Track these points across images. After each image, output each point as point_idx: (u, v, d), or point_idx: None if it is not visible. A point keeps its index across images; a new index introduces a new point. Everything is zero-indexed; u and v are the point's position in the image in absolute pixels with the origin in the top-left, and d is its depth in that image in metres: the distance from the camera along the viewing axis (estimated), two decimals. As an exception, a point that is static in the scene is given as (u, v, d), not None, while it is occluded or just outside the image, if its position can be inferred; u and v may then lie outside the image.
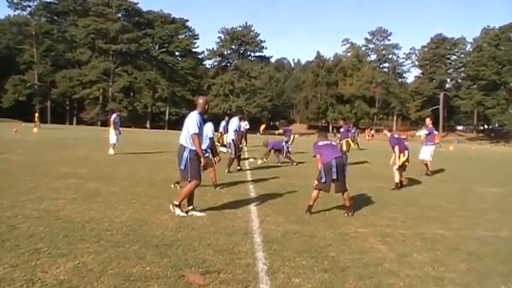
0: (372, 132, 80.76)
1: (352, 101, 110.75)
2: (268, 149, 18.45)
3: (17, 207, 7.60)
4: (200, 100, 8.20)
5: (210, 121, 12.39)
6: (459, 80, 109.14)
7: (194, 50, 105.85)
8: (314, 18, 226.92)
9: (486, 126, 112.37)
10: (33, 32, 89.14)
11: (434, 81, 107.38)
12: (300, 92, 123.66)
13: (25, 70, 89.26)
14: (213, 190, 10.65)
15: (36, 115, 54.77)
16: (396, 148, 12.75)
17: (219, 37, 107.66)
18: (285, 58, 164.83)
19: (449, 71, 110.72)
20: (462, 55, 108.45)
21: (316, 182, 8.51)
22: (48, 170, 12.67)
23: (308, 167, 16.68)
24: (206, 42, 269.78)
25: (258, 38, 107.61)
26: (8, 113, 76.14)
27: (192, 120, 7.80)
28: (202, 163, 7.82)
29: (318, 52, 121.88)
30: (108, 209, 7.85)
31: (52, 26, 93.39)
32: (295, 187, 11.86)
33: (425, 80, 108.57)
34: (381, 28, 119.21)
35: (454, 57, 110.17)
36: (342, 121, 26.70)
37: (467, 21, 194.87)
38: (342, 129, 22.09)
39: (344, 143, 20.01)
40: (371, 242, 6.70)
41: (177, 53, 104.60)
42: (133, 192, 9.78)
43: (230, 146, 15.47)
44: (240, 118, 16.48)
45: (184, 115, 78.29)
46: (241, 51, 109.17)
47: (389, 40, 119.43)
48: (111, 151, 19.03)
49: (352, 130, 36.90)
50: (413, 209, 9.73)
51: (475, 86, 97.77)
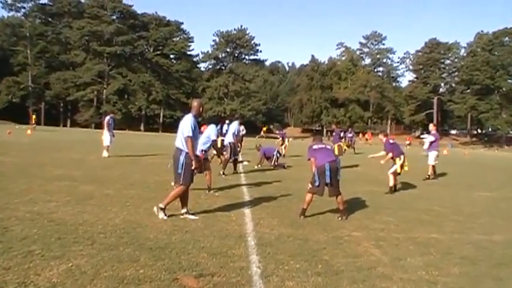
0: (366, 136, 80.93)
1: (346, 105, 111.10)
2: (261, 156, 18.50)
3: (10, 209, 7.56)
4: (195, 103, 8.19)
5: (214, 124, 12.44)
6: (453, 85, 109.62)
7: (189, 53, 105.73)
8: (309, 22, 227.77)
9: (480, 130, 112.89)
10: (27, 34, 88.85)
11: (428, 85, 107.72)
12: (295, 96, 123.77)
13: (19, 72, 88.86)
14: (207, 193, 10.63)
15: (33, 117, 54.66)
16: (390, 154, 12.82)
17: (214, 40, 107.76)
18: (280, 61, 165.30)
19: (443, 76, 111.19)
20: (456, 60, 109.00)
21: (309, 186, 8.52)
22: (41, 172, 12.62)
23: (302, 171, 16.68)
24: (201, 45, 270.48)
25: (253, 42, 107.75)
26: (2, 115, 75.75)
27: (187, 123, 7.76)
28: (194, 166, 7.80)
29: (313, 56, 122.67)
30: (101, 212, 7.83)
31: (46, 28, 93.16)
32: (289, 190, 11.87)
33: (419, 84, 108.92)
34: (376, 32, 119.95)
35: (448, 61, 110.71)
36: (335, 125, 26.85)
37: (461, 26, 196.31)
38: (334, 133, 22.18)
39: (336, 147, 20.08)
40: (365, 246, 6.72)
41: (172, 56, 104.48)
42: (127, 194, 9.75)
43: (227, 149, 15.49)
44: (240, 123, 16.53)
45: (178, 118, 78.10)
46: (236, 54, 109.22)
47: (383, 44, 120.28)
48: (104, 153, 18.98)
49: (349, 134, 37.07)
50: (406, 213, 9.76)
51: (469, 91, 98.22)
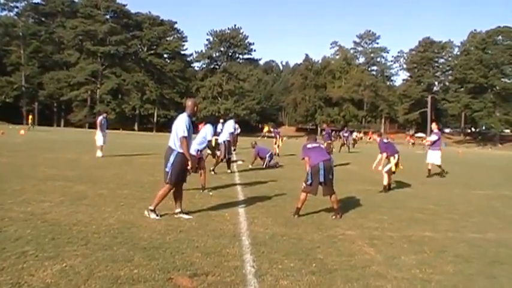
0: (361, 135, 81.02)
1: (340, 104, 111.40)
2: (254, 155, 18.49)
3: (3, 210, 7.52)
4: (189, 102, 8.14)
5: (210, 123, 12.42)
6: (447, 83, 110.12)
7: (183, 52, 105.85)
8: (302, 21, 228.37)
9: (473, 129, 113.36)
10: (20, 33, 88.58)
11: (422, 84, 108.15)
12: (289, 95, 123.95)
13: (12, 72, 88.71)
14: (201, 192, 10.62)
15: (30, 117, 54.58)
16: (384, 154, 12.82)
17: (208, 39, 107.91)
18: (274, 61, 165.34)
19: (437, 74, 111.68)
20: (450, 58, 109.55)
21: (303, 185, 8.53)
22: (35, 173, 12.56)
23: (296, 170, 16.70)
24: (195, 44, 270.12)
25: (247, 41, 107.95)
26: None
27: (181, 122, 7.71)
28: (189, 166, 7.78)
29: (307, 55, 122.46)
30: (95, 212, 7.81)
31: (40, 27, 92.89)
32: (283, 190, 11.86)
33: (413, 83, 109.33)
34: (370, 31, 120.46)
35: (442, 60, 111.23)
36: (325, 124, 26.97)
37: (454, 25, 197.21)
38: (325, 132, 22.25)
39: (325, 145, 20.12)
40: (359, 245, 6.73)
41: (166, 55, 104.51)
42: (121, 194, 9.73)
43: (221, 147, 15.48)
44: (236, 122, 16.51)
45: (172, 117, 78.15)
46: (229, 53, 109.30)
47: (377, 43, 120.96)
48: (98, 153, 18.93)
49: (345, 134, 37.37)
50: (401, 212, 9.78)
51: (463, 89, 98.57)
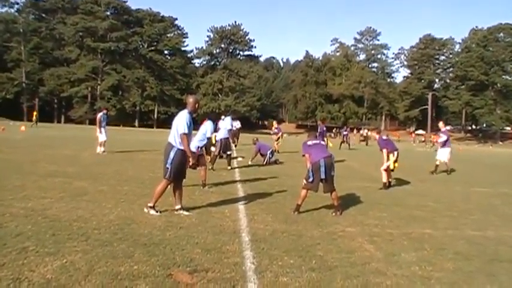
0: (361, 132, 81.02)
1: (341, 101, 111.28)
2: (255, 151, 18.48)
3: (4, 206, 7.53)
4: (190, 99, 8.12)
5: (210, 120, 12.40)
6: (447, 80, 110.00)
7: (183, 49, 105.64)
8: (303, 17, 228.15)
9: (474, 126, 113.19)
10: (20, 30, 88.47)
11: (422, 81, 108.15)
12: (289, 92, 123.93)
13: (12, 68, 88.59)
14: (202, 189, 10.64)
15: (34, 114, 54.52)
16: (384, 151, 12.82)
17: (208, 36, 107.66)
18: (274, 57, 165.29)
19: (437, 71, 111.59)
20: (451, 55, 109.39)
21: (304, 182, 8.53)
22: (35, 169, 12.57)
23: (296, 167, 16.69)
24: (195, 41, 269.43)
25: (247, 37, 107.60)
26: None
27: (182, 119, 7.70)
28: (190, 163, 7.78)
29: (307, 52, 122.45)
30: (95, 208, 7.82)
31: (40, 24, 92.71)
32: (283, 186, 11.87)
33: (413, 80, 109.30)
34: (370, 28, 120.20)
35: (443, 57, 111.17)
36: (320, 121, 26.95)
37: (456, 22, 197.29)
38: (319, 128, 22.27)
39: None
40: (359, 241, 6.74)
41: (166, 52, 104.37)
42: (121, 191, 9.74)
43: (217, 144, 15.47)
44: (233, 118, 16.46)
45: (173, 114, 77.85)
46: (230, 50, 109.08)
47: (378, 40, 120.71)
48: (98, 149, 18.93)
49: (344, 132, 37.56)
50: (400, 209, 9.79)
51: (463, 87, 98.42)
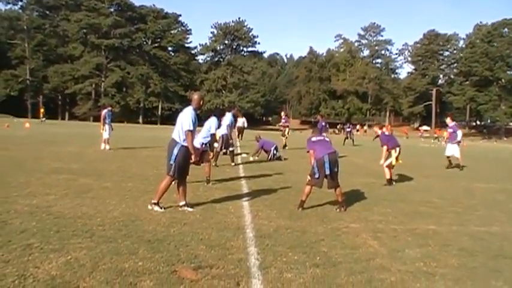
0: (365, 128, 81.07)
1: (344, 97, 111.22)
2: (259, 147, 18.47)
3: (8, 202, 7.56)
4: (195, 96, 8.13)
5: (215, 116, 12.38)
6: (452, 76, 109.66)
7: (187, 45, 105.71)
8: (307, 13, 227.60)
9: (478, 122, 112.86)
10: (24, 27, 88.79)
11: (427, 77, 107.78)
12: (293, 88, 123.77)
13: (17, 65, 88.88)
14: (206, 185, 10.65)
15: (41, 111, 54.59)
16: (384, 148, 12.75)
17: (212, 32, 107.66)
18: (278, 53, 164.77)
19: (442, 67, 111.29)
20: (455, 51, 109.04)
21: (309, 178, 8.52)
22: (39, 166, 12.60)
23: (300, 163, 16.66)
24: (199, 37, 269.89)
25: (251, 33, 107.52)
26: (0, 108, 75.57)
27: (187, 116, 7.69)
28: (193, 160, 7.79)
29: (311, 47, 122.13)
30: (100, 205, 7.84)
31: (44, 21, 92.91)
32: (287, 182, 11.87)
33: (418, 76, 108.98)
34: (374, 24, 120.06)
35: (447, 53, 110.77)
36: (319, 116, 26.86)
37: (460, 17, 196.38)
38: (319, 124, 22.16)
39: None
40: (363, 237, 6.73)
41: (170, 48, 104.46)
42: (125, 187, 9.76)
43: (219, 141, 15.46)
44: (234, 114, 16.38)
45: (177, 110, 78.02)
46: (234, 46, 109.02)
47: (382, 36, 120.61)
48: (102, 146, 18.97)
49: (348, 129, 37.52)
50: (405, 205, 9.76)
51: (468, 82, 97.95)
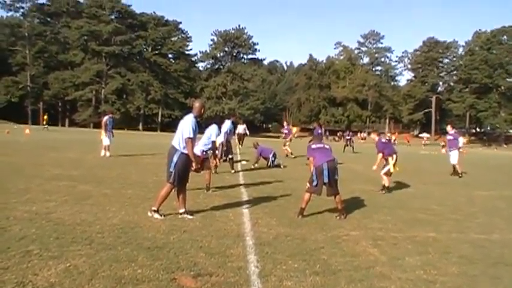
0: (364, 135, 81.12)
1: (344, 104, 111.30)
2: (257, 155, 18.46)
3: (8, 209, 7.56)
4: (196, 104, 8.10)
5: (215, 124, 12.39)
6: (451, 83, 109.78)
7: (187, 52, 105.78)
8: (306, 21, 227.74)
9: (478, 129, 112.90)
10: (25, 34, 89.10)
11: (426, 84, 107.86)
12: (293, 95, 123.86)
13: (17, 71, 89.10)
14: (206, 193, 10.64)
15: (45, 117, 54.61)
16: (379, 155, 12.70)
17: (212, 39, 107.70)
18: (278, 61, 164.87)
19: (441, 74, 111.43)
20: (454, 58, 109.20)
21: (308, 185, 8.51)
22: (39, 172, 12.60)
23: (300, 170, 16.69)
24: (199, 44, 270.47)
25: (251, 41, 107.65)
26: (0, 115, 75.65)
27: (187, 124, 7.68)
28: (194, 167, 7.78)
29: (311, 55, 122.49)
30: (99, 212, 7.83)
31: (45, 28, 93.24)
32: (287, 190, 11.86)
33: (417, 83, 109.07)
34: (374, 31, 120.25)
35: (446, 60, 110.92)
36: (316, 123, 26.95)
37: (459, 24, 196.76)
38: (315, 131, 22.17)
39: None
40: (363, 245, 6.72)
41: (170, 55, 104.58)
42: (125, 194, 9.75)
43: (218, 148, 15.45)
44: (233, 121, 16.39)
45: (177, 117, 77.89)
46: (234, 53, 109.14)
47: (381, 43, 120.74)
48: (102, 153, 18.97)
49: (347, 137, 37.59)
50: (404, 212, 9.76)
51: (467, 89, 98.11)
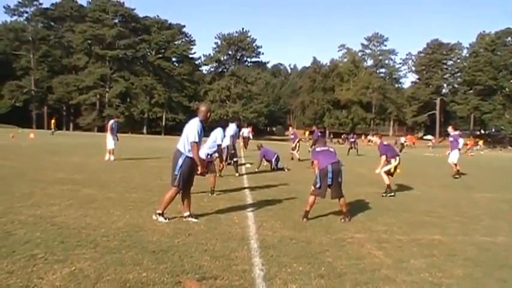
0: (369, 137, 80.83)
1: (348, 107, 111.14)
2: (260, 157, 18.48)
3: (13, 213, 7.57)
4: (203, 108, 8.07)
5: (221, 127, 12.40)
6: (455, 85, 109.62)
7: (191, 56, 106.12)
8: (310, 24, 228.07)
9: (483, 131, 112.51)
10: (30, 38, 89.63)
11: (430, 86, 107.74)
12: (297, 98, 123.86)
13: (22, 76, 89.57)
14: (210, 196, 10.63)
15: (52, 121, 54.74)
16: (383, 157, 12.68)
17: (216, 43, 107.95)
18: (282, 64, 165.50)
19: (445, 76, 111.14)
20: (458, 60, 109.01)
21: (312, 188, 8.50)
22: (43, 176, 12.63)
23: (304, 173, 16.68)
24: (203, 48, 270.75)
25: (255, 44, 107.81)
26: (5, 119, 75.95)
27: (193, 128, 7.65)
28: (199, 171, 7.78)
29: (315, 58, 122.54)
30: (104, 215, 7.83)
31: (49, 32, 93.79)
32: (291, 193, 11.85)
33: (421, 86, 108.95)
34: (377, 33, 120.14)
35: (451, 62, 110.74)
36: (315, 126, 27.02)
37: (463, 26, 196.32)
38: (314, 134, 22.16)
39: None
40: (368, 248, 6.69)
41: (174, 59, 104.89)
42: (129, 198, 9.75)
43: (223, 151, 15.46)
44: (238, 125, 16.41)
45: (181, 121, 77.80)
46: (237, 56, 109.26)
47: (385, 46, 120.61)
48: (107, 156, 19.00)
49: (352, 139, 37.49)
50: (409, 215, 9.73)
51: (472, 91, 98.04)
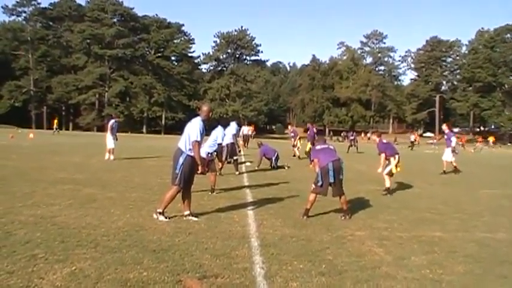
0: (369, 135, 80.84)
1: (348, 104, 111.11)
2: (260, 156, 18.48)
3: (13, 213, 7.57)
4: (204, 107, 8.10)
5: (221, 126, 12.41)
6: (455, 82, 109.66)
7: (190, 55, 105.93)
8: (309, 21, 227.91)
9: (482, 128, 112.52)
10: (28, 38, 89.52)
11: (430, 83, 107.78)
12: (296, 96, 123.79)
13: (21, 76, 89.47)
14: (210, 194, 10.63)
15: (55, 121, 54.71)
16: (382, 155, 12.65)
17: (215, 41, 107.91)
18: (281, 62, 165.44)
19: (445, 74, 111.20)
20: (458, 57, 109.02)
21: (313, 186, 8.50)
22: (43, 176, 12.63)
23: (304, 171, 16.68)
24: (202, 46, 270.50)
25: (254, 42, 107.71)
26: (4, 119, 75.94)
27: (195, 127, 7.68)
28: (199, 170, 7.78)
29: (314, 56, 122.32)
30: (104, 215, 7.83)
31: (47, 32, 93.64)
32: (291, 191, 11.85)
33: (421, 83, 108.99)
34: (377, 31, 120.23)
35: (450, 59, 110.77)
36: (310, 124, 26.95)
37: (462, 23, 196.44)
38: (309, 131, 22.10)
39: (309, 145, 20.29)
40: (368, 245, 6.70)
41: (173, 58, 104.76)
42: (129, 197, 9.75)
43: (223, 150, 15.46)
44: (239, 123, 16.42)
45: (180, 120, 77.65)
46: (237, 55, 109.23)
47: (384, 43, 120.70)
48: (107, 156, 18.98)
49: (351, 137, 37.49)
50: (409, 212, 9.74)
51: (471, 88, 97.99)
